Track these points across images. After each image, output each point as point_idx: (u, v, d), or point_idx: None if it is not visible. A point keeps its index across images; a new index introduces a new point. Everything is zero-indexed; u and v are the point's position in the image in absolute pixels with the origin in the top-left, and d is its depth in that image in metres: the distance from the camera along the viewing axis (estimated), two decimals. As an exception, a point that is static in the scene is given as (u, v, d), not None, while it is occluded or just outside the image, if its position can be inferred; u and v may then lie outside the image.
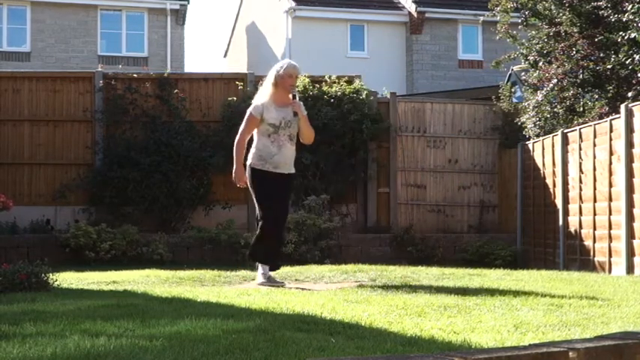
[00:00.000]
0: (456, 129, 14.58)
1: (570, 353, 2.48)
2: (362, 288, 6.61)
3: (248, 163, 7.33)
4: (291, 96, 7.25)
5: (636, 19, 11.00)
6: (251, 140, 7.44)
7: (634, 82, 11.61)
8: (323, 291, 6.48)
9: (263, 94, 7.37)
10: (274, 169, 7.24)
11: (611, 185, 10.36)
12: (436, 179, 14.49)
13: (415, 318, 4.64)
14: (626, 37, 11.21)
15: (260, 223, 7.31)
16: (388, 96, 14.53)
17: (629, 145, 9.76)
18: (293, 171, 7.39)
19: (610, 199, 10.35)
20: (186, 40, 42.38)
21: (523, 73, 14.81)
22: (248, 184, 7.37)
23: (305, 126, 7.33)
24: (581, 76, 12.32)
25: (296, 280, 8.25)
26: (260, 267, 7.46)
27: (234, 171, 7.38)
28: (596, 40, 12.10)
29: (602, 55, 12.05)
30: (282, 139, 7.23)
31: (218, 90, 14.00)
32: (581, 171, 11.31)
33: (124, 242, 12.14)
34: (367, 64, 22.58)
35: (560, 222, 11.89)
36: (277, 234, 7.40)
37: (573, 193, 11.59)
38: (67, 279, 7.95)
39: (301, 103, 7.49)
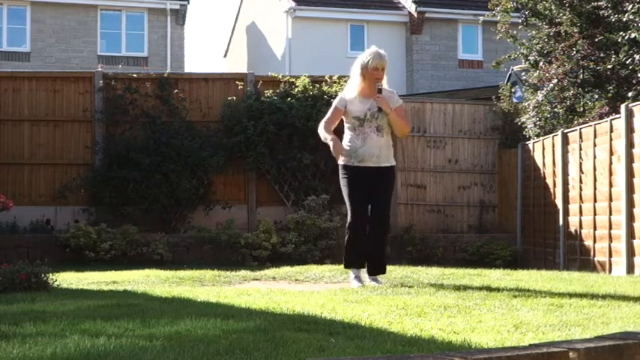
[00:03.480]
0: (456, 129, 14.58)
1: (570, 353, 2.48)
2: (362, 288, 6.61)
3: (339, 162, 7.02)
4: (377, 90, 6.83)
5: (636, 19, 11.00)
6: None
7: (634, 82, 11.61)
8: (323, 291, 6.48)
9: (351, 86, 7.02)
10: (360, 163, 6.87)
11: (611, 185, 10.36)
12: (436, 179, 14.49)
13: (415, 318, 4.64)
14: (626, 37, 11.22)
15: (347, 226, 7.01)
16: (388, 96, 14.51)
17: (630, 145, 9.77)
18: (385, 164, 6.93)
19: (610, 199, 10.36)
20: (186, 40, 42.39)
21: (523, 73, 14.82)
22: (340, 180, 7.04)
23: (395, 120, 6.89)
24: (581, 76, 12.32)
25: (296, 280, 8.26)
26: (351, 272, 7.13)
27: (332, 147, 6.79)
28: (596, 40, 12.11)
29: (602, 55, 12.05)
30: (368, 131, 6.86)
31: (218, 90, 14.00)
32: (581, 171, 11.32)
33: (123, 242, 12.14)
34: (367, 64, 22.55)
35: (561, 222, 11.89)
36: (377, 236, 6.96)
37: (573, 193, 11.59)
38: (67, 279, 7.96)
39: (393, 91, 7.08)
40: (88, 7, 24.14)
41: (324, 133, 6.95)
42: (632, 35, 11.04)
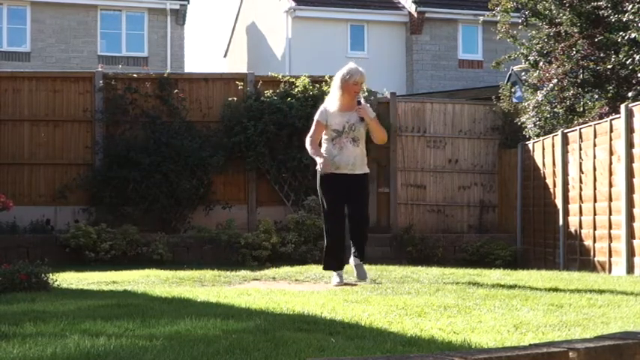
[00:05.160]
0: (456, 129, 14.58)
1: (570, 353, 2.48)
2: (362, 288, 6.61)
3: (317, 168, 7.47)
4: (356, 102, 7.34)
5: (636, 19, 11.00)
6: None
7: (634, 82, 11.62)
8: (323, 291, 6.48)
9: (331, 99, 7.52)
10: (336, 170, 7.34)
11: (611, 185, 10.36)
12: (436, 179, 14.49)
13: (415, 318, 4.64)
14: (626, 37, 11.22)
15: (325, 229, 7.54)
16: (388, 96, 14.53)
17: (629, 145, 9.77)
18: (359, 172, 7.44)
19: (610, 199, 10.36)
20: (186, 40, 42.39)
21: (523, 73, 14.82)
22: (317, 187, 7.55)
23: (375, 128, 7.44)
24: (581, 76, 12.32)
25: (296, 280, 8.26)
26: (333, 274, 7.55)
27: (321, 162, 7.31)
28: (596, 40, 12.11)
29: (602, 55, 12.05)
30: (344, 142, 7.37)
31: (218, 90, 14.00)
32: (581, 171, 11.32)
33: (124, 242, 12.14)
34: (367, 64, 22.45)
35: (560, 222, 11.89)
36: (358, 232, 7.48)
37: (573, 193, 11.59)
38: (67, 279, 7.95)
39: (368, 105, 7.61)
40: (88, 7, 24.13)
41: (312, 151, 7.46)
42: (632, 35, 11.04)
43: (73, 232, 12.12)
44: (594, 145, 10.89)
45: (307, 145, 7.50)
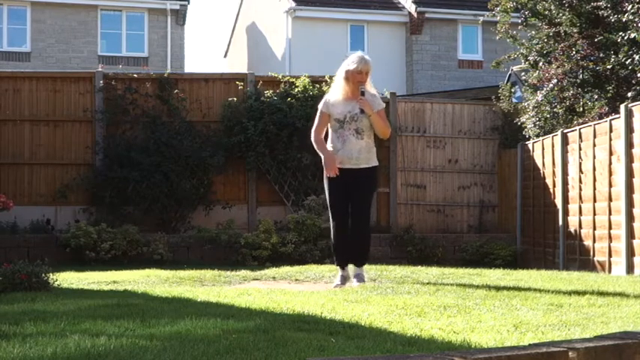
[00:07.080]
0: (456, 129, 14.59)
1: (570, 353, 2.49)
2: (362, 288, 6.62)
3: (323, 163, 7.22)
4: (360, 92, 7.02)
5: (636, 19, 11.01)
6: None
7: (634, 82, 11.62)
8: (323, 291, 6.48)
9: (335, 88, 7.23)
10: (339, 165, 7.04)
11: (610, 185, 10.37)
12: (436, 179, 14.50)
13: (415, 318, 4.65)
14: (625, 37, 11.23)
15: (332, 230, 7.26)
16: (388, 96, 14.52)
17: (629, 145, 9.77)
18: (364, 165, 7.10)
19: (610, 199, 10.36)
20: (186, 40, 42.37)
21: (523, 73, 14.83)
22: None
23: (377, 122, 7.05)
24: (581, 76, 12.33)
25: (296, 280, 8.26)
26: (338, 269, 7.37)
27: (323, 161, 7.07)
28: (596, 40, 12.12)
29: (602, 55, 12.06)
30: (347, 134, 7.05)
31: (218, 90, 14.01)
32: (580, 171, 11.32)
33: (124, 242, 12.14)
34: (367, 64, 22.53)
35: (560, 222, 11.89)
36: (359, 232, 7.14)
37: (573, 193, 11.60)
38: (68, 279, 7.96)
39: (376, 95, 7.26)
40: (88, 7, 24.14)
41: (317, 145, 7.19)
42: (632, 35, 11.05)
43: (74, 232, 12.12)
44: (594, 145, 10.90)
45: (312, 140, 7.23)
